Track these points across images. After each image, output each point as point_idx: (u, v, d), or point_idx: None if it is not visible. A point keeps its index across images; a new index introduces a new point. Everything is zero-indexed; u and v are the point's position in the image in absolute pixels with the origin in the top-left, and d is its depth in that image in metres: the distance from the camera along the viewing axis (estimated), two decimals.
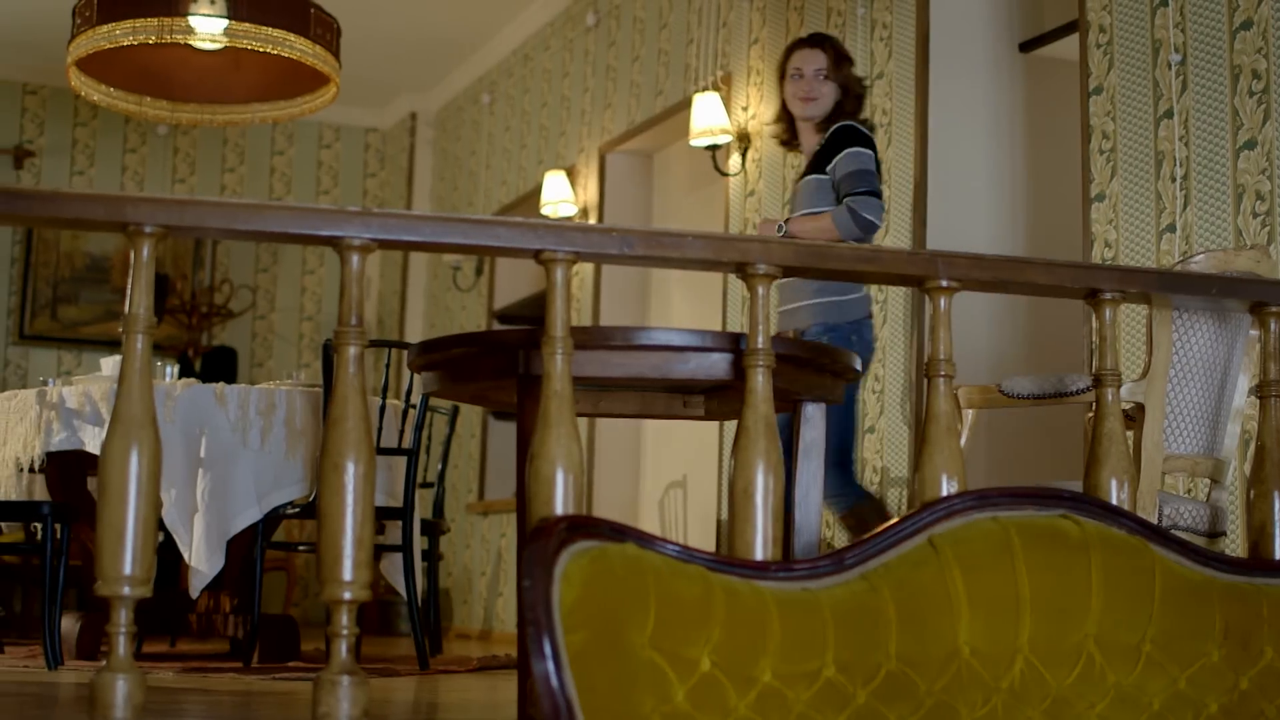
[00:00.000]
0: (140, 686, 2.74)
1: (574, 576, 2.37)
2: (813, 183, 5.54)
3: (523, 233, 3.03)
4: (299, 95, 7.40)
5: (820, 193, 5.49)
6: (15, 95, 11.24)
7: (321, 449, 2.86)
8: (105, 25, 6.44)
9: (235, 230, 2.97)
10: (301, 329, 11.82)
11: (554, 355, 2.90)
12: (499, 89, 10.66)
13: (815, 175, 5.53)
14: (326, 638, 2.83)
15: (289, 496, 5.91)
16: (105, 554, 2.76)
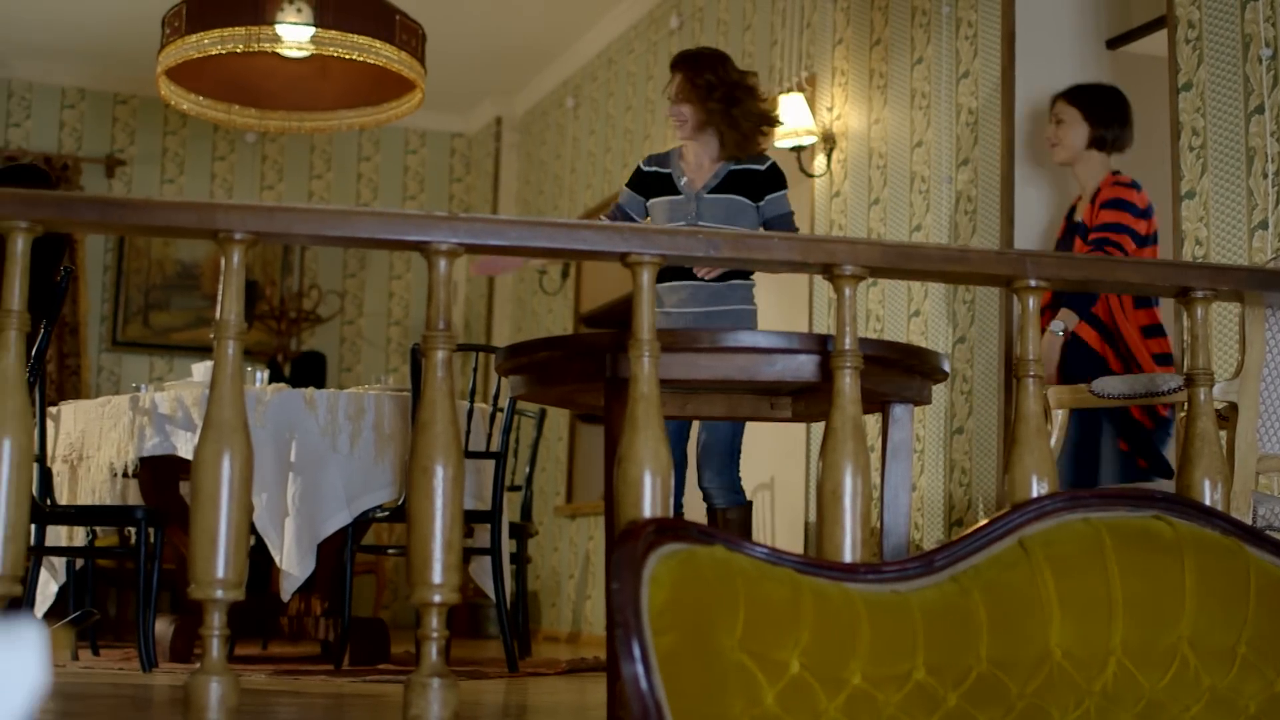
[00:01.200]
0: (234, 689, 2.77)
1: (663, 579, 2.37)
2: (737, 203, 5.71)
3: (608, 236, 3.03)
4: (385, 101, 7.45)
5: (743, 216, 5.68)
6: (107, 105, 11.38)
7: (410, 453, 2.88)
8: (194, 35, 6.51)
9: (323, 236, 2.99)
10: (389, 333, 11.89)
11: (641, 358, 2.90)
12: (583, 93, 10.68)
13: (739, 197, 5.70)
14: (417, 640, 2.84)
15: (378, 500, 5.95)
16: (198, 558, 2.79)
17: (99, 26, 10.22)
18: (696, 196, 5.73)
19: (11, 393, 2.79)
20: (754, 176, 5.72)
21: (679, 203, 5.76)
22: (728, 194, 5.69)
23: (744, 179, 5.70)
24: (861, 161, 7.30)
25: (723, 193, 5.69)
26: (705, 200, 5.71)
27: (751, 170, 5.71)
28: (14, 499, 2.75)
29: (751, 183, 5.71)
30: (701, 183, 5.75)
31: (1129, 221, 5.42)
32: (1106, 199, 5.48)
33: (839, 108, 7.55)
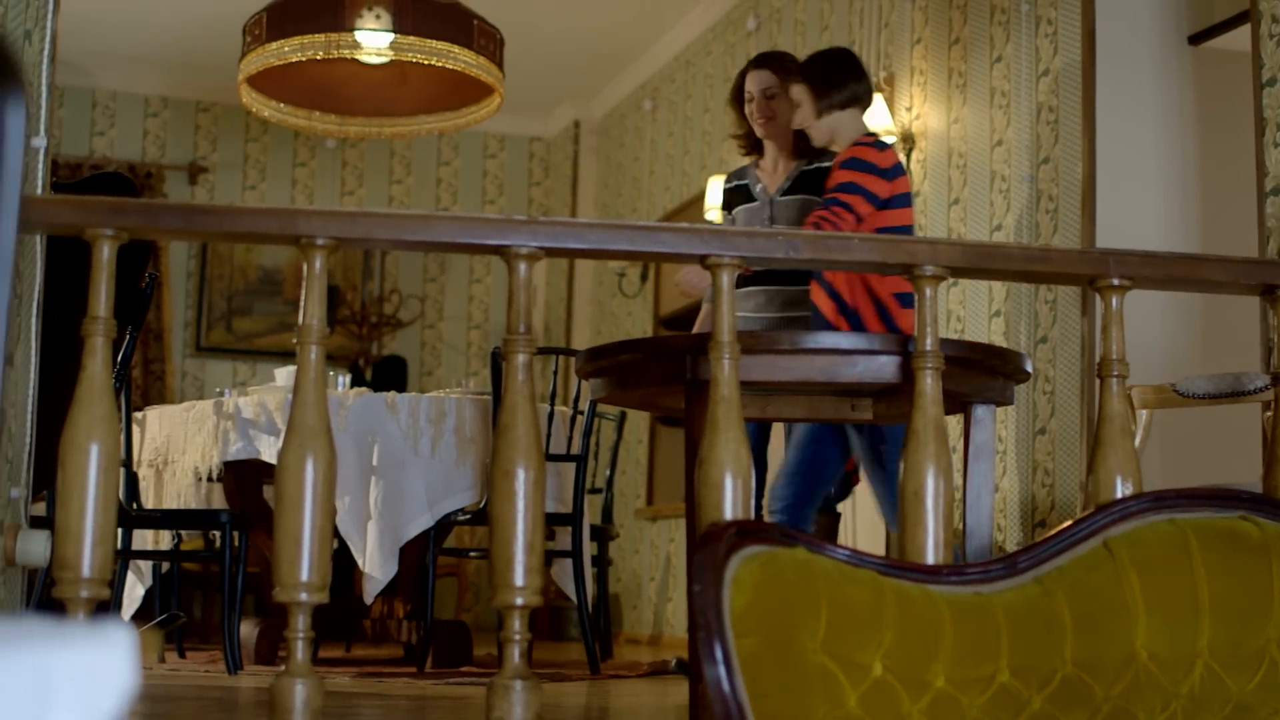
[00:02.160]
0: (318, 691, 2.79)
1: (744, 581, 2.37)
2: (811, 203, 5.57)
3: (688, 238, 3.04)
4: (464, 106, 7.48)
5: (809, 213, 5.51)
6: (189, 113, 11.50)
7: (492, 456, 2.89)
8: (275, 42, 6.57)
9: (404, 241, 3.01)
10: (469, 337, 11.94)
11: (721, 360, 2.90)
12: (661, 95, 10.68)
13: (811, 197, 5.60)
14: (499, 643, 2.85)
15: (460, 503, 5.97)
16: (283, 561, 2.82)
17: (181, 36, 10.32)
18: (770, 200, 5.71)
19: (98, 398, 2.83)
20: (825, 174, 5.58)
21: (754, 209, 5.74)
22: (800, 194, 5.65)
23: (815, 178, 5.64)
24: (941, 161, 7.27)
25: (795, 194, 5.66)
26: (778, 203, 5.68)
27: (822, 169, 5.64)
28: (101, 503, 2.79)
29: (823, 180, 5.56)
30: (775, 186, 5.73)
31: (864, 181, 5.24)
32: (843, 159, 5.32)
33: (918, 107, 7.52)
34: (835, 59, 5.60)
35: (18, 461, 3.80)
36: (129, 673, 1.00)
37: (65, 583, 2.77)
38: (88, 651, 0.93)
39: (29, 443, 3.88)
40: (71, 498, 2.78)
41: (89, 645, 0.93)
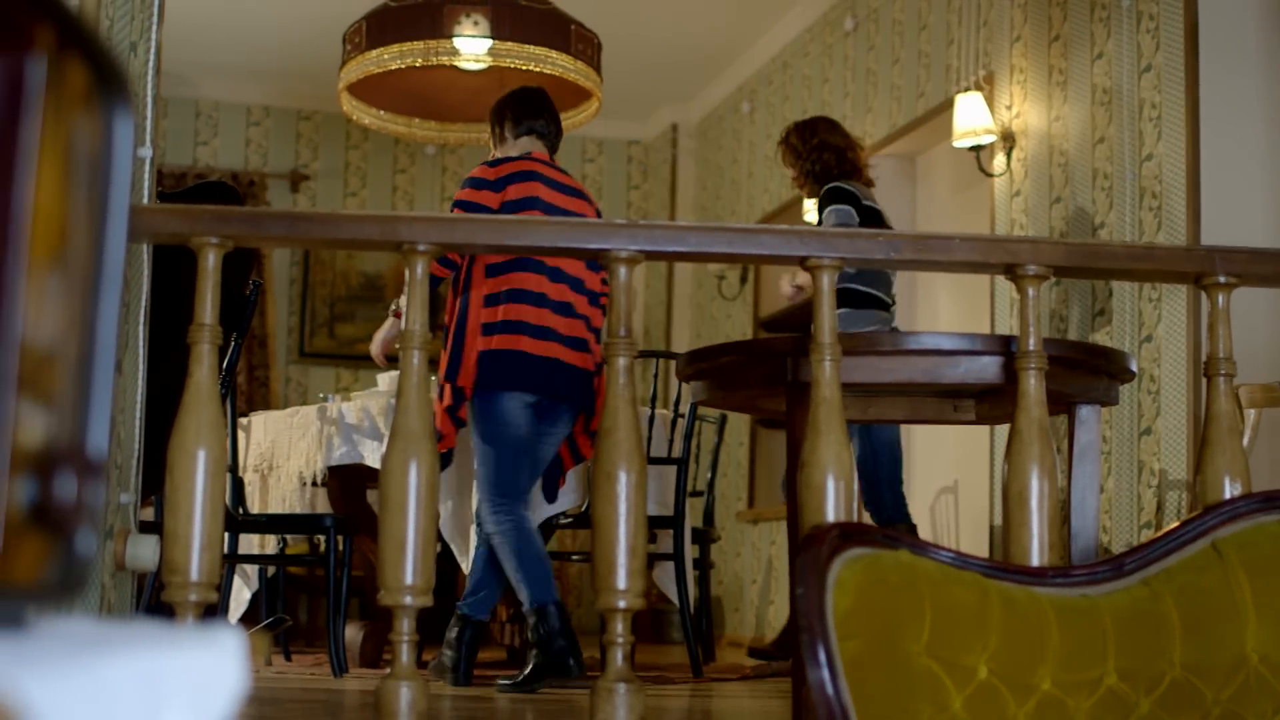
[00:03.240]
0: (423, 694, 2.80)
1: (847, 584, 2.36)
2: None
3: (788, 240, 3.03)
4: (562, 111, 7.50)
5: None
6: (291, 122, 11.61)
7: (594, 459, 2.90)
8: (374, 50, 6.62)
9: (505, 246, 3.02)
10: None
11: (822, 362, 2.89)
12: (759, 97, 10.67)
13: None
14: (602, 646, 2.86)
15: (562, 507, 5.98)
16: (387, 564, 2.83)
17: (282, 45, 10.43)
18: None
19: (205, 404, 2.86)
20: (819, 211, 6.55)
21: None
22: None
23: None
24: (1042, 159, 7.20)
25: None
26: None
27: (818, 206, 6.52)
28: (208, 508, 2.82)
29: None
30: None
31: (469, 195, 5.62)
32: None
33: (1018, 106, 7.45)
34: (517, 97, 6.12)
35: (126, 467, 3.85)
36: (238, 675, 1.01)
37: (174, 587, 2.80)
38: (198, 655, 0.93)
39: (137, 449, 3.93)
40: (180, 503, 2.81)
41: (199, 648, 0.94)
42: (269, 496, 6.50)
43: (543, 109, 6.01)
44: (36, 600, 0.98)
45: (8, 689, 0.66)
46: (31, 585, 0.98)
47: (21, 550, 0.97)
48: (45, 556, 1.01)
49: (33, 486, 0.97)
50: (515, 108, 5.99)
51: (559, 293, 5.54)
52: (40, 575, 1.01)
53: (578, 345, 5.56)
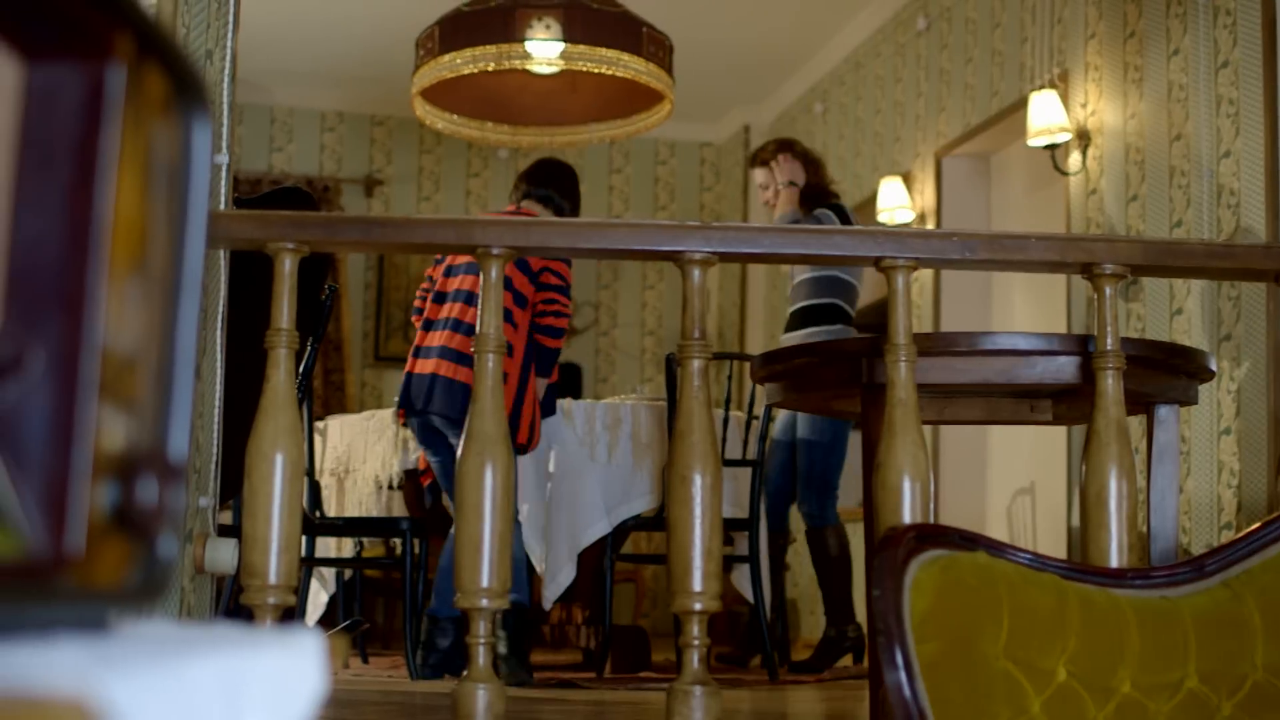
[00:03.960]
0: (500, 696, 2.81)
1: (924, 586, 2.35)
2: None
3: (862, 240, 3.02)
4: (634, 113, 7.51)
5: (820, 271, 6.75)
6: (364, 127, 11.67)
7: (669, 462, 2.90)
8: (446, 55, 6.65)
9: (579, 248, 3.02)
10: (643, 344, 11.98)
11: (897, 363, 2.88)
12: (831, 97, 10.64)
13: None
14: (678, 648, 2.85)
15: (637, 509, 5.99)
16: (463, 567, 2.84)
17: (355, 51, 10.49)
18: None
19: (282, 409, 2.88)
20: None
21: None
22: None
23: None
24: (1118, 157, 7.14)
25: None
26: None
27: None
28: (286, 511, 2.84)
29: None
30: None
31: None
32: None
33: (1093, 103, 7.40)
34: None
35: (205, 471, 3.88)
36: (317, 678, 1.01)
37: (253, 589, 2.82)
38: (277, 657, 0.94)
39: (215, 453, 3.96)
40: (258, 506, 2.83)
41: (278, 651, 0.95)
42: (345, 500, 6.54)
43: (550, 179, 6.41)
44: (118, 603, 0.99)
45: (91, 691, 0.66)
46: (113, 588, 0.99)
47: (104, 554, 0.98)
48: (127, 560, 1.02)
49: (114, 491, 0.98)
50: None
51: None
52: (122, 579, 1.02)
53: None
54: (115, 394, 0.98)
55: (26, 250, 0.93)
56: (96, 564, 0.97)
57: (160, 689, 0.75)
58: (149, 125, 1.03)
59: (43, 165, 0.95)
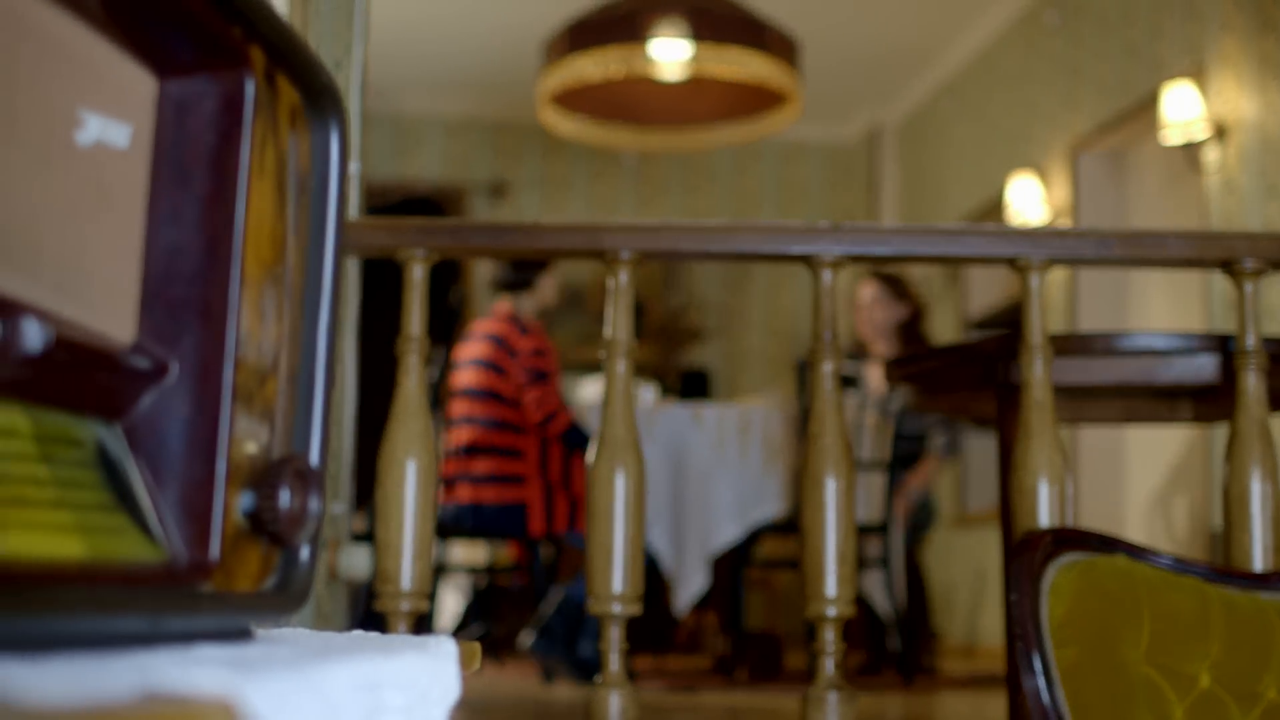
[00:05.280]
0: (633, 702, 2.81)
1: (1063, 590, 2.31)
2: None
3: (994, 240, 2.98)
4: (761, 114, 7.49)
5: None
6: (491, 133, 11.74)
7: (801, 465, 2.88)
8: (573, 60, 6.67)
9: (709, 252, 3.02)
10: (773, 346, 11.94)
11: (1033, 363, 2.84)
12: (960, 95, 10.54)
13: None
14: (812, 654, 2.83)
15: (769, 513, 5.96)
16: (595, 573, 2.84)
17: (481, 57, 10.56)
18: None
19: (414, 416, 2.89)
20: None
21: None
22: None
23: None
24: (1255, 151, 7.01)
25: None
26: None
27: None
28: (420, 518, 2.85)
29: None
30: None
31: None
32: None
33: (1230, 97, 7.27)
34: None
35: (339, 478, 3.92)
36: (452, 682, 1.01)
37: (386, 595, 2.84)
38: (413, 662, 0.94)
39: (350, 459, 4.00)
40: (390, 513, 2.85)
41: (414, 656, 0.95)
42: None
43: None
44: (258, 610, 1.00)
45: (233, 696, 0.66)
46: (253, 595, 1.00)
47: (243, 561, 0.99)
48: (266, 566, 1.03)
49: (253, 498, 0.98)
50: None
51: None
52: (261, 585, 1.03)
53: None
54: (253, 402, 0.99)
55: (164, 261, 0.94)
56: (236, 571, 0.98)
57: (300, 694, 0.75)
58: (283, 136, 1.04)
59: (179, 178, 0.95)
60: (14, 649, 0.73)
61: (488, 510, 5.89)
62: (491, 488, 5.88)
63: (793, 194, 12.11)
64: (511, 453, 5.92)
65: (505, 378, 5.96)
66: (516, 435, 5.94)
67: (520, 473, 5.89)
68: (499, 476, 5.89)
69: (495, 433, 5.94)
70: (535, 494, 5.87)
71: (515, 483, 5.88)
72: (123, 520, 0.87)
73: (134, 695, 0.64)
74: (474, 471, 5.91)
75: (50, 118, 0.84)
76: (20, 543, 0.76)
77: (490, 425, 5.94)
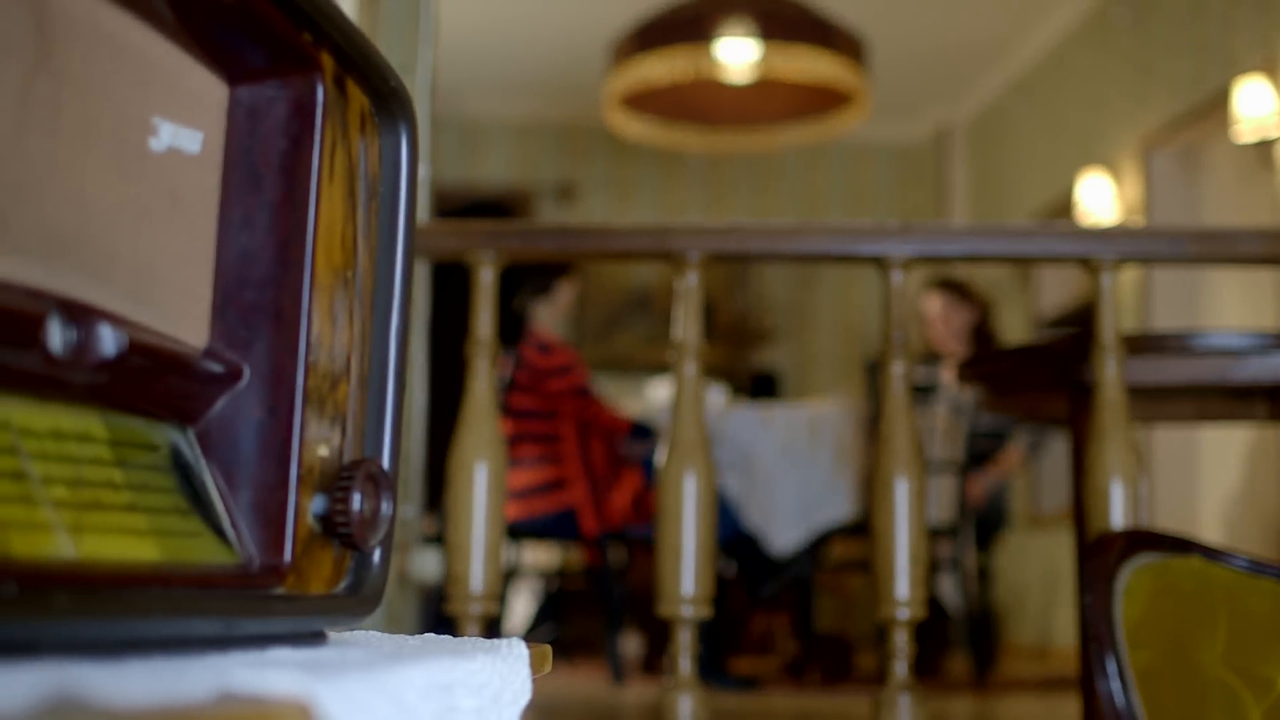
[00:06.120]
0: (705, 704, 2.81)
1: (1137, 592, 2.30)
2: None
3: (1067, 239, 2.96)
4: (828, 115, 7.47)
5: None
6: (558, 135, 11.76)
7: (872, 467, 2.87)
8: (640, 61, 6.68)
9: (778, 253, 3.01)
10: (842, 347, 11.91)
11: (1105, 364, 2.82)
12: (1030, 93, 10.48)
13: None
14: (882, 656, 2.82)
15: (838, 515, 5.95)
16: (665, 575, 2.84)
17: (548, 60, 10.59)
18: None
19: (483, 419, 2.90)
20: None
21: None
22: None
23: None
24: None
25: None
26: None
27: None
28: (489, 521, 2.86)
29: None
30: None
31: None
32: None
33: None
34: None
35: (409, 481, 3.94)
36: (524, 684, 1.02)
37: (457, 598, 2.85)
38: (485, 664, 0.94)
39: (420, 462, 4.02)
40: (460, 516, 2.86)
41: (486, 658, 0.95)
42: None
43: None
44: (330, 612, 1.00)
45: (307, 699, 0.67)
46: (325, 598, 1.01)
47: (315, 563, 0.99)
48: (338, 570, 1.03)
49: (324, 501, 0.99)
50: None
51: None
52: (334, 588, 1.03)
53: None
54: (324, 406, 0.99)
55: (236, 266, 0.95)
56: (309, 574, 0.99)
57: (373, 696, 0.75)
58: (353, 140, 1.04)
59: (250, 183, 0.96)
60: (91, 651, 0.74)
61: (541, 521, 5.92)
62: (539, 499, 5.90)
63: (861, 194, 12.07)
64: (552, 461, 5.94)
65: (532, 393, 5.97)
66: (553, 444, 5.95)
67: (562, 477, 5.90)
68: (543, 486, 5.91)
69: (536, 445, 5.96)
70: (581, 495, 5.87)
71: (559, 489, 5.89)
72: (197, 524, 0.88)
73: (210, 696, 0.65)
74: (519, 487, 5.93)
75: (125, 125, 0.84)
76: (96, 546, 0.77)
77: (530, 439, 5.96)
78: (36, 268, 0.76)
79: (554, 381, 5.97)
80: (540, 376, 5.97)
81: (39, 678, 0.60)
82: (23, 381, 0.76)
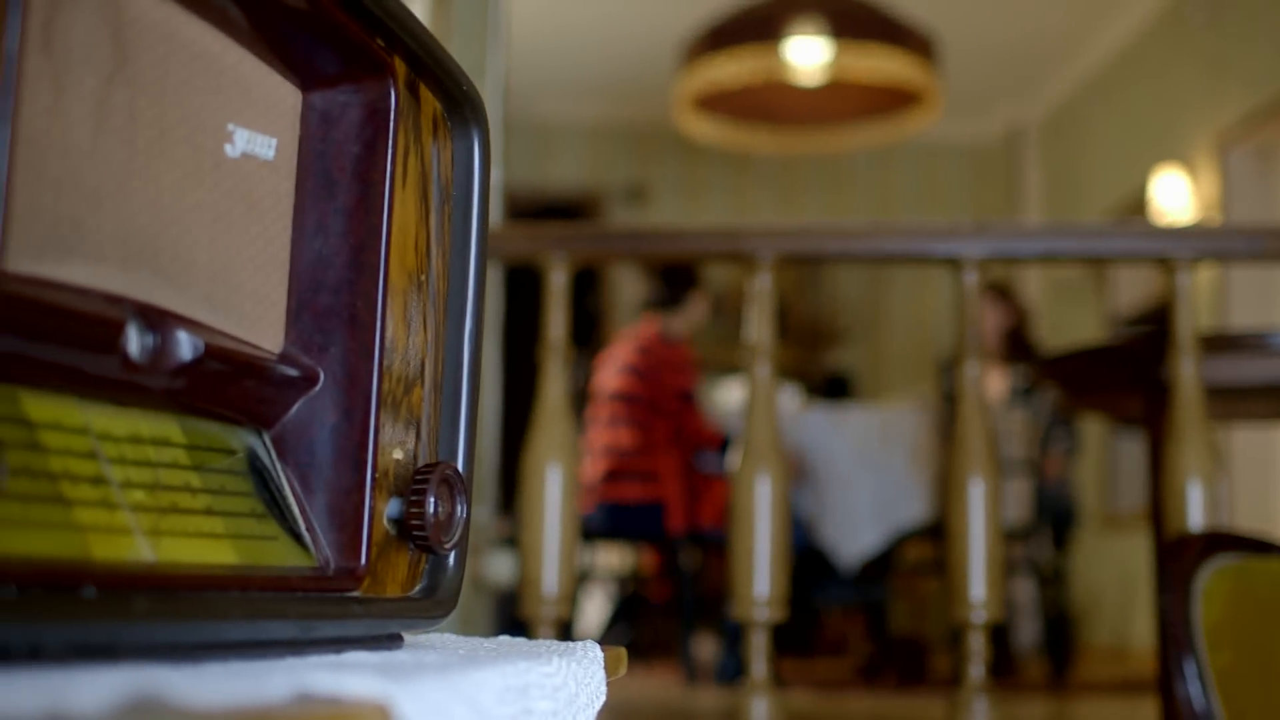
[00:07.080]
0: (779, 706, 2.80)
1: (1216, 594, 2.27)
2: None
3: (1142, 238, 2.94)
4: (899, 114, 7.44)
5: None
6: (629, 137, 11.77)
7: (946, 468, 2.85)
8: (711, 63, 6.67)
9: (851, 254, 3.00)
10: (915, 347, 11.85)
11: (1182, 363, 2.80)
12: (1103, 91, 10.39)
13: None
14: (958, 658, 2.81)
15: (912, 517, 5.92)
16: (739, 577, 2.84)
17: (618, 62, 10.59)
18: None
19: (556, 421, 2.91)
20: None
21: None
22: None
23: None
24: None
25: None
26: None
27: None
28: (563, 523, 2.86)
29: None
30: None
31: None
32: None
33: None
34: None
35: (483, 483, 3.95)
36: (600, 687, 1.02)
37: (530, 601, 2.86)
38: (560, 666, 0.94)
39: (494, 465, 4.03)
40: (533, 518, 2.87)
41: (561, 660, 0.95)
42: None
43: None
44: (406, 615, 1.01)
45: (384, 701, 0.67)
46: (401, 601, 1.01)
47: (391, 566, 1.00)
48: (414, 573, 1.04)
49: (399, 505, 0.99)
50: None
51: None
52: (409, 591, 1.03)
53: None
54: (399, 409, 1.00)
55: (311, 271, 0.95)
56: (385, 577, 0.99)
57: (449, 699, 0.75)
58: (426, 144, 1.04)
59: (324, 188, 0.97)
60: (171, 655, 0.74)
61: (627, 509, 5.90)
62: (632, 485, 5.89)
63: (932, 195, 12.01)
64: (647, 452, 5.94)
65: (645, 381, 5.97)
66: (650, 433, 5.95)
67: (658, 470, 5.89)
68: (638, 473, 5.90)
69: (636, 432, 5.96)
70: (674, 491, 5.87)
71: (653, 480, 5.88)
72: (273, 527, 0.88)
73: (287, 698, 0.65)
74: (613, 468, 5.93)
75: (200, 131, 0.85)
76: (175, 550, 0.77)
77: (632, 426, 5.96)
78: (114, 274, 0.77)
79: (668, 375, 5.97)
80: (658, 366, 5.97)
81: (120, 679, 0.61)
82: (101, 386, 0.76)
